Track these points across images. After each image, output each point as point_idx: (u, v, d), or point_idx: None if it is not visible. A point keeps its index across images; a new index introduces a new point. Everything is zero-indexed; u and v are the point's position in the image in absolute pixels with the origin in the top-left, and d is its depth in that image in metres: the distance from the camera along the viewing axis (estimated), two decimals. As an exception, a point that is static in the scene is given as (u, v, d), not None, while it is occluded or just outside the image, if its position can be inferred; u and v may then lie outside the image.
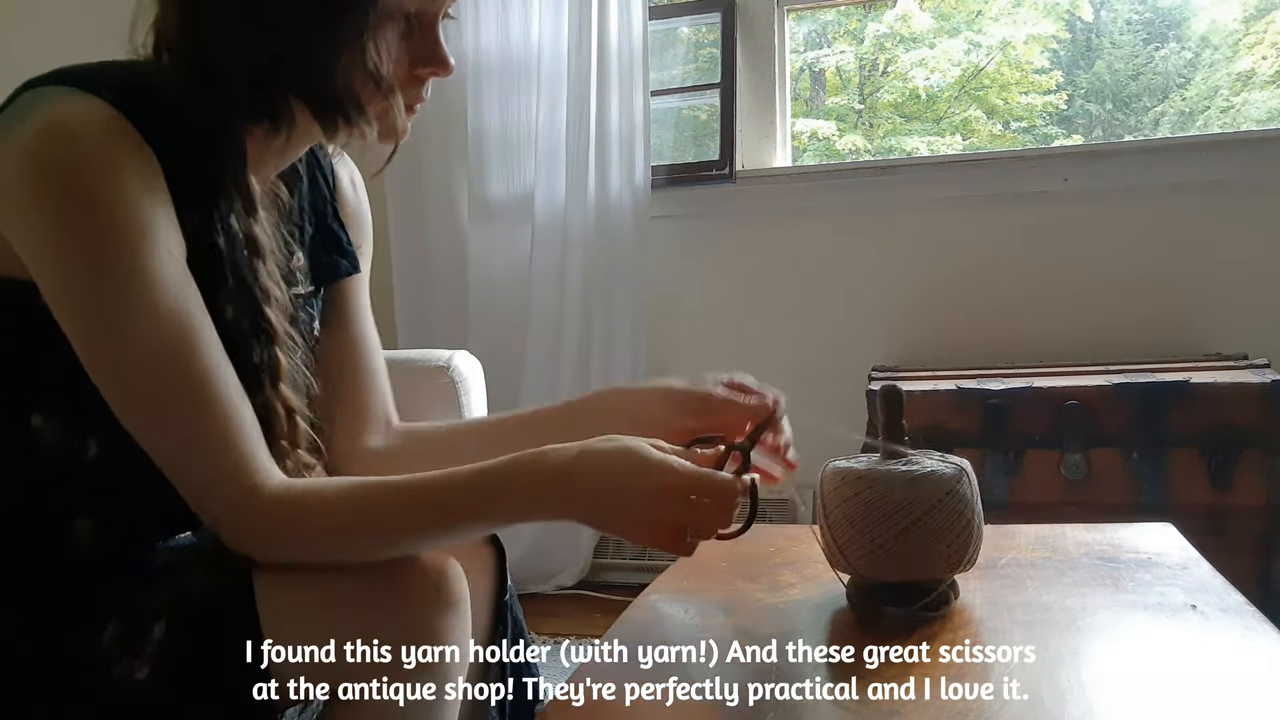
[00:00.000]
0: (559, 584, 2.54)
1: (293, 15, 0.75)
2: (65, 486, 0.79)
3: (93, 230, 0.72)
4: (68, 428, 0.79)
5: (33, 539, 0.79)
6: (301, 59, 0.77)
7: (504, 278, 2.61)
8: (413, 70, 0.83)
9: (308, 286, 0.93)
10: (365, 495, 0.78)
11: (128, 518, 0.80)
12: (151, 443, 0.75)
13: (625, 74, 2.50)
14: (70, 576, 0.78)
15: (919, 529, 0.90)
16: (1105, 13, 4.35)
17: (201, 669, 0.73)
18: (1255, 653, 0.81)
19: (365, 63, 0.77)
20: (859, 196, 2.50)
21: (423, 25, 0.82)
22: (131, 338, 0.73)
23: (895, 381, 1.47)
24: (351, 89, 0.78)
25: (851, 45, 4.58)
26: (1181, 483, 1.93)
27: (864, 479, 0.93)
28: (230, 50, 0.77)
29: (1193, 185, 2.31)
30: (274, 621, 0.73)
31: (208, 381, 0.75)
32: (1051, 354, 2.31)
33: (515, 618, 0.96)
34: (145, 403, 0.75)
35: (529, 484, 0.78)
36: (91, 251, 0.72)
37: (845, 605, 0.97)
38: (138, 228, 0.73)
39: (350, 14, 0.76)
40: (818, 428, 0.96)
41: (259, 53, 0.76)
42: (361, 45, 0.77)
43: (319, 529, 0.76)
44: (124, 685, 0.71)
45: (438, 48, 0.83)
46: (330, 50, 0.76)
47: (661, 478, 0.76)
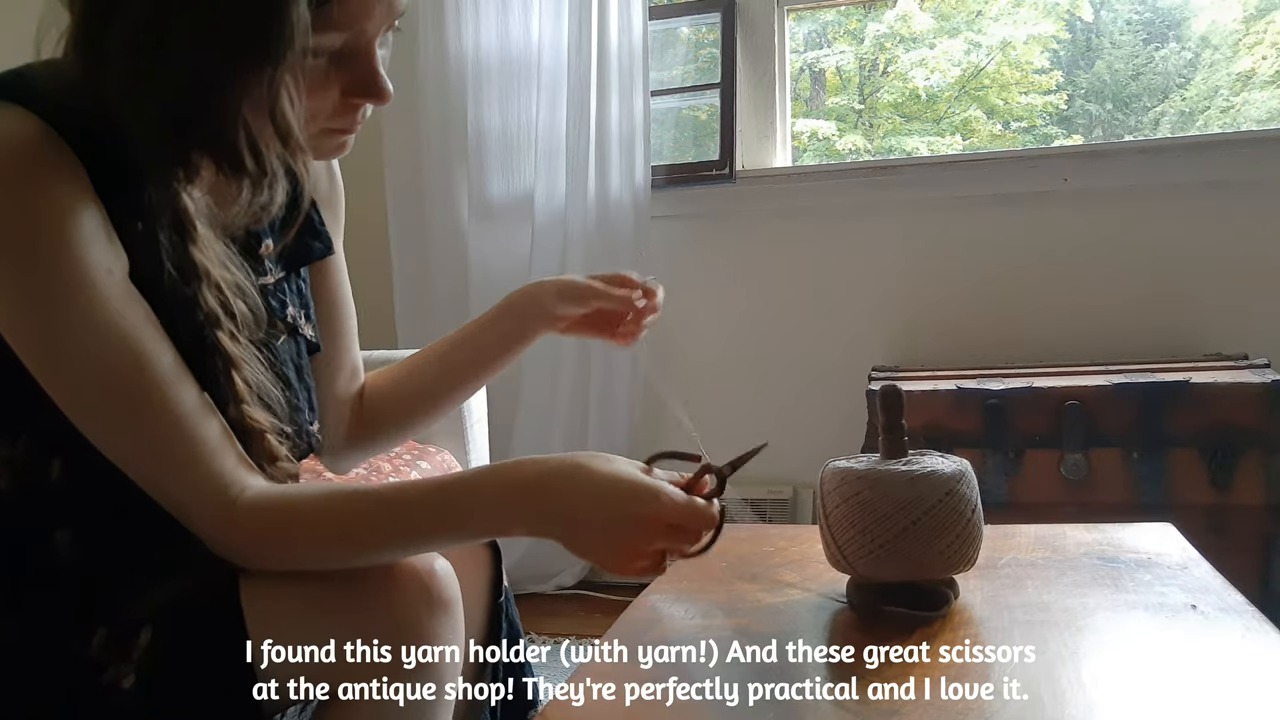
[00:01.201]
0: (559, 584, 2.54)
1: (188, 65, 0.69)
2: (35, 505, 0.78)
3: (26, 255, 0.69)
4: (30, 448, 0.77)
5: (13, 550, 0.78)
6: (198, 111, 0.70)
7: (504, 278, 2.60)
8: (344, 99, 0.78)
9: (279, 273, 0.91)
10: (339, 507, 0.77)
11: (107, 529, 0.79)
12: (123, 461, 0.74)
13: (625, 74, 2.50)
14: (54, 586, 0.78)
15: (919, 529, 0.90)
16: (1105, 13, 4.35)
17: (189, 674, 0.73)
18: (1255, 653, 0.81)
19: (269, 117, 0.71)
20: (859, 196, 2.50)
21: (355, 53, 0.76)
22: (80, 362, 0.71)
23: (895, 381, 1.47)
24: (254, 143, 0.72)
25: (851, 45, 4.58)
26: (1181, 483, 1.93)
27: (864, 479, 0.93)
28: (130, 97, 0.70)
29: (1193, 185, 2.31)
30: (261, 625, 0.73)
31: (165, 397, 0.73)
32: (1051, 354, 2.31)
33: (511, 619, 0.96)
34: (106, 425, 0.73)
35: (498, 498, 0.77)
36: (27, 277, 0.70)
37: (845, 605, 0.97)
38: (73, 249, 0.70)
39: (247, 68, 0.69)
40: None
41: (158, 111, 0.70)
42: (265, 98, 0.70)
43: (296, 541, 0.76)
44: (111, 692, 0.71)
45: (373, 77, 0.78)
46: (229, 103, 0.70)
47: (657, 507, 0.76)
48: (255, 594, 0.74)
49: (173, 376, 0.74)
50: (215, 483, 0.74)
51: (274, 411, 0.82)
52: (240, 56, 0.69)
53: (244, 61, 0.69)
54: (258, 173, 0.73)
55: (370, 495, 0.77)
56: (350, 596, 0.75)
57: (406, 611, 0.74)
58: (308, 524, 0.76)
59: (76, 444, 0.74)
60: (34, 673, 0.73)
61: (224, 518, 0.74)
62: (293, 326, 0.91)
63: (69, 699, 0.72)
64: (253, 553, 0.75)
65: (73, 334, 0.71)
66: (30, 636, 0.74)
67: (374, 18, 0.75)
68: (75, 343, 0.71)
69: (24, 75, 0.74)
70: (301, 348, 0.93)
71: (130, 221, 0.74)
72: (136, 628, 0.72)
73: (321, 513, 0.76)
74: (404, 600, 0.74)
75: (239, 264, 0.83)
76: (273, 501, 0.76)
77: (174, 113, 0.70)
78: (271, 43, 0.68)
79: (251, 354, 0.81)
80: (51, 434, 0.75)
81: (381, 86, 0.78)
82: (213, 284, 0.78)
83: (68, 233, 0.70)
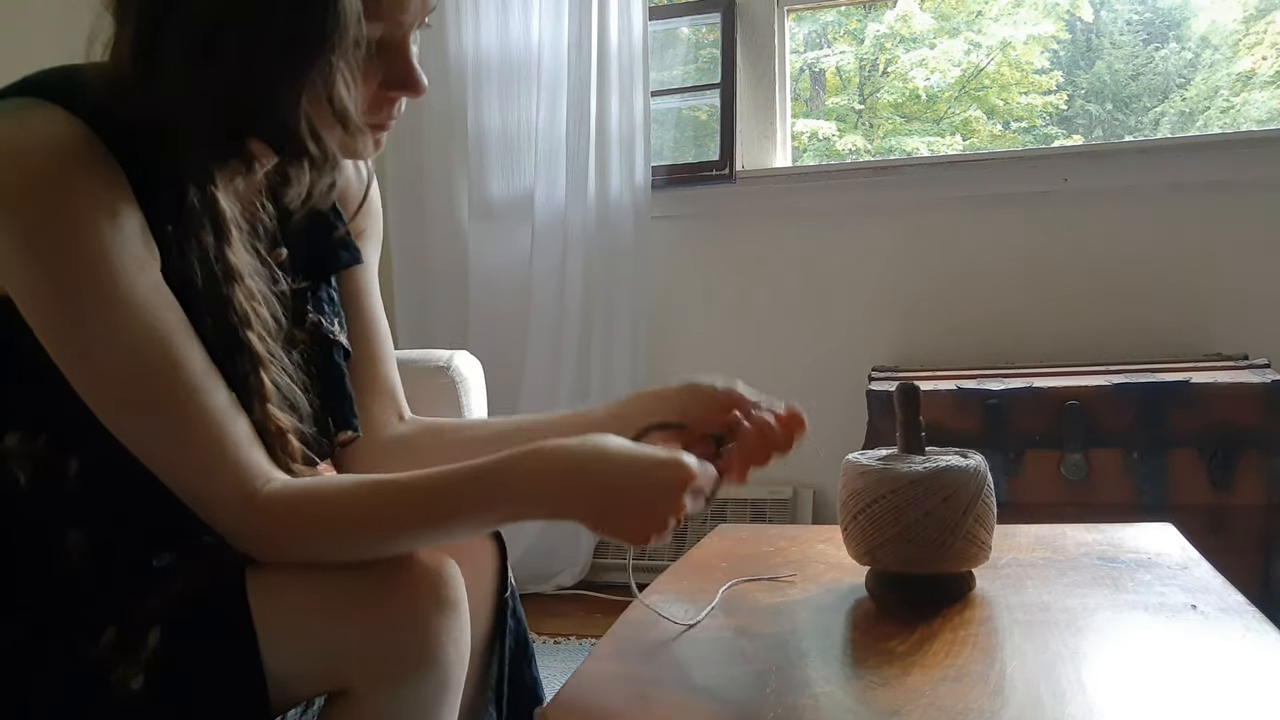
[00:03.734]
0: (559, 584, 2.54)
1: (247, 65, 0.71)
2: (50, 502, 0.78)
3: (62, 252, 0.70)
4: (47, 446, 0.78)
5: (25, 550, 0.78)
6: (259, 106, 0.72)
7: (504, 278, 2.61)
8: (381, 91, 0.80)
9: (300, 281, 0.91)
10: (365, 493, 0.77)
11: (119, 529, 0.80)
12: (147, 455, 0.75)
13: (625, 74, 2.50)
14: (65, 586, 0.78)
15: (948, 521, 0.92)
16: (1105, 13, 4.35)
17: (198, 674, 0.73)
18: (1255, 653, 0.81)
19: (328, 103, 0.73)
20: (859, 197, 2.50)
21: (392, 46, 0.78)
22: (110, 355, 0.72)
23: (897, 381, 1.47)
24: (314, 129, 0.74)
25: (851, 45, 4.58)
26: (1181, 483, 1.92)
27: (884, 472, 0.94)
28: (186, 100, 0.72)
29: (1193, 185, 2.31)
30: (270, 626, 0.73)
31: (194, 390, 0.74)
32: (1051, 354, 2.31)
33: (517, 615, 0.96)
34: (133, 417, 0.74)
35: (530, 481, 0.77)
36: (62, 273, 0.71)
37: (845, 605, 0.97)
38: (109, 247, 0.71)
39: (307, 59, 0.71)
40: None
41: (216, 102, 0.72)
42: (322, 86, 0.72)
43: (320, 528, 0.76)
44: (120, 693, 0.71)
45: (409, 70, 0.80)
46: (289, 95, 0.72)
47: (684, 473, 0.77)
48: (263, 594, 0.74)
49: (203, 372, 0.75)
50: (241, 474, 0.75)
51: (298, 414, 0.83)
52: (299, 45, 0.71)
53: (302, 50, 0.71)
54: (320, 156, 0.75)
55: (396, 480, 0.77)
56: (358, 596, 0.75)
57: (414, 611, 0.74)
58: (332, 511, 0.76)
59: (95, 444, 0.75)
60: (41, 672, 0.73)
61: (247, 508, 0.75)
62: (316, 333, 0.91)
63: (77, 699, 0.72)
64: (273, 543, 0.76)
65: (104, 325, 0.71)
66: (38, 635, 0.75)
67: (410, 10, 0.78)
68: (108, 337, 0.72)
69: (69, 78, 0.75)
70: (330, 354, 0.92)
71: (164, 224, 0.75)
72: (145, 628, 0.73)
73: (349, 500, 0.77)
74: (412, 600, 0.75)
75: (263, 271, 0.84)
76: (297, 492, 0.76)
77: (236, 105, 0.72)
78: (329, 29, 0.70)
79: (279, 356, 0.83)
80: (72, 433, 0.76)
81: (417, 79, 0.81)
82: (245, 286, 0.80)
83: (104, 231, 0.71)
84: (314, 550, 0.76)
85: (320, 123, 0.74)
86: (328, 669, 0.74)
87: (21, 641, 0.74)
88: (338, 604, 0.75)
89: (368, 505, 0.77)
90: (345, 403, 0.93)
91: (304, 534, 0.76)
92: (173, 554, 0.80)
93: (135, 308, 0.72)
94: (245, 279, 0.80)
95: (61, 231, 0.70)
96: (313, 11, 0.70)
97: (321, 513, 0.76)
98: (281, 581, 0.75)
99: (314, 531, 0.76)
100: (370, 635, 0.73)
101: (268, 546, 0.76)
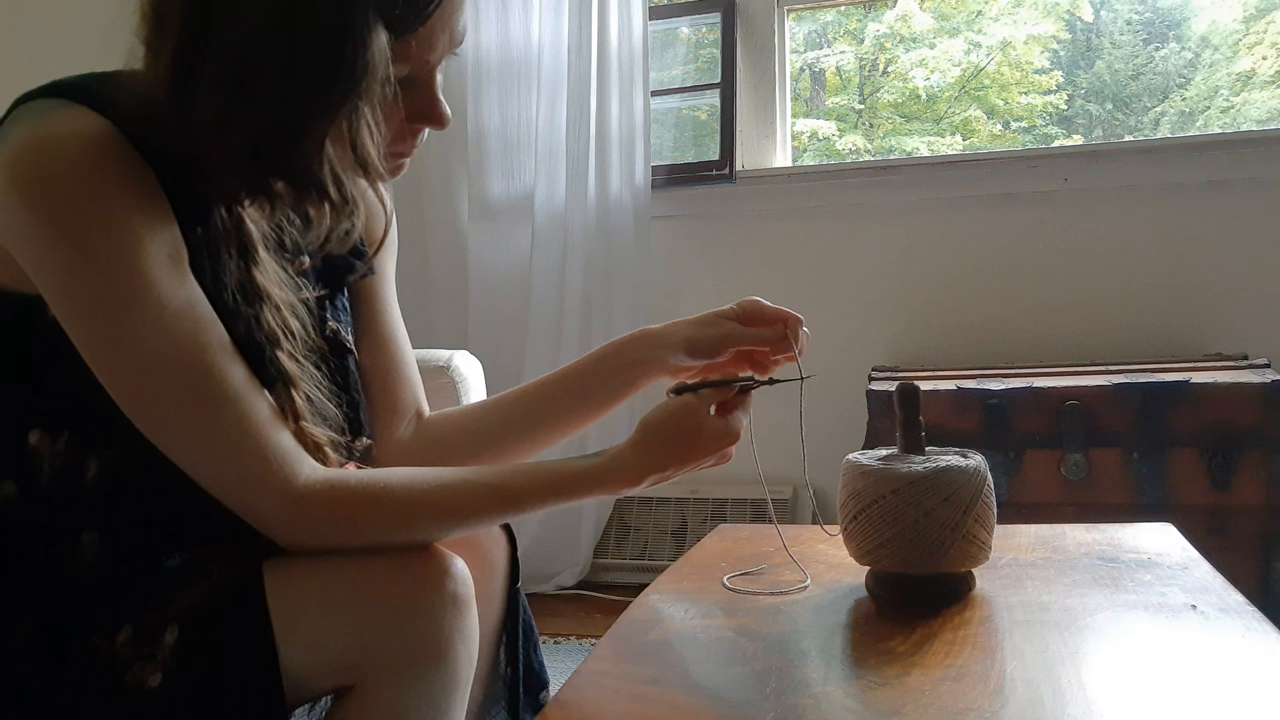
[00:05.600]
0: (559, 584, 2.54)
1: (279, 106, 0.70)
2: (68, 502, 0.78)
3: (89, 246, 0.71)
4: (68, 446, 0.78)
5: (41, 550, 0.78)
6: (285, 147, 0.72)
7: (504, 278, 2.61)
8: (407, 124, 0.81)
9: (320, 289, 0.92)
10: (425, 481, 0.80)
11: (135, 531, 0.80)
12: (184, 456, 0.75)
13: (625, 74, 2.50)
14: (80, 586, 0.78)
15: (948, 521, 0.91)
16: (1105, 13, 4.35)
17: (214, 673, 0.73)
18: (1255, 653, 0.81)
19: (351, 150, 0.74)
20: (859, 196, 2.50)
21: (418, 82, 0.79)
22: (145, 352, 0.72)
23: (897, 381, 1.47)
24: (336, 173, 0.74)
25: (851, 45, 4.58)
26: (1181, 483, 1.93)
27: (884, 472, 0.94)
28: (216, 136, 0.72)
29: (1193, 185, 2.31)
30: (285, 624, 0.73)
31: (228, 385, 0.74)
32: (1051, 354, 2.31)
33: (525, 610, 0.97)
34: (170, 418, 0.74)
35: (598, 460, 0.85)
36: (90, 268, 0.71)
37: (846, 605, 0.97)
38: (135, 239, 0.71)
39: (335, 104, 0.71)
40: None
41: (244, 140, 0.72)
42: (347, 131, 0.73)
43: (374, 515, 0.78)
44: (136, 692, 0.71)
45: (433, 104, 0.81)
46: (314, 138, 0.72)
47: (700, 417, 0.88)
48: (278, 592, 0.74)
49: (233, 361, 0.75)
50: (286, 463, 0.75)
51: (328, 423, 0.84)
52: (325, 93, 0.71)
53: (329, 98, 0.71)
54: (340, 201, 0.75)
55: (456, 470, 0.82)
56: (371, 595, 0.75)
57: (425, 609, 0.75)
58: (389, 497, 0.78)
59: (117, 445, 0.75)
60: (58, 671, 0.73)
61: (296, 498, 0.75)
62: (335, 341, 0.92)
63: (94, 698, 0.72)
64: (325, 531, 0.77)
65: (136, 324, 0.72)
66: (55, 635, 0.75)
67: (437, 49, 0.78)
68: (142, 334, 0.72)
69: (104, 84, 0.75)
70: (347, 362, 0.93)
71: (192, 229, 0.76)
72: (162, 627, 0.73)
73: (405, 486, 0.79)
74: (423, 598, 0.75)
75: (291, 283, 0.85)
76: (345, 480, 0.78)
77: (261, 147, 0.72)
78: (355, 78, 0.70)
79: (309, 371, 0.84)
80: (94, 434, 0.76)
81: (441, 112, 0.82)
82: (273, 304, 0.81)
83: (136, 228, 0.72)
84: (367, 537, 0.78)
85: (343, 166, 0.74)
86: (342, 666, 0.75)
87: (39, 641, 0.75)
88: (353, 602, 0.75)
89: (429, 493, 0.80)
90: (359, 409, 0.93)
91: (358, 522, 0.77)
92: (190, 554, 0.81)
93: (168, 299, 0.72)
94: (273, 295, 0.81)
95: (95, 224, 0.71)
96: (344, 57, 0.70)
97: (377, 500, 0.78)
98: (297, 580, 0.76)
99: (367, 520, 0.78)
100: (384, 633, 0.74)
101: (319, 537, 0.77)
